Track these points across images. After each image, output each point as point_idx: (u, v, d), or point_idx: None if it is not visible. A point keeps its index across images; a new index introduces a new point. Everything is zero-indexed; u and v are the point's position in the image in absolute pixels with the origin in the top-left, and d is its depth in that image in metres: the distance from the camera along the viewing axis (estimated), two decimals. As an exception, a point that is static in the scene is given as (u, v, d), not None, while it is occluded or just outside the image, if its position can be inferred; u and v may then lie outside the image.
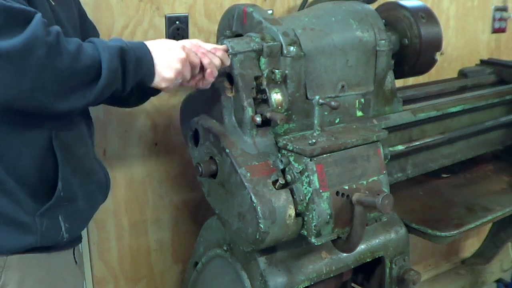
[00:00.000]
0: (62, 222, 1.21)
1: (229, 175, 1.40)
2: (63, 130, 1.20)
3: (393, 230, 1.71)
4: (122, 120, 1.81)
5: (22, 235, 1.16)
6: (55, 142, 1.18)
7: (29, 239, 1.17)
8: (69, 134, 1.22)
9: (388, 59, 1.66)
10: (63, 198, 1.20)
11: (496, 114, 2.17)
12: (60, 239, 1.22)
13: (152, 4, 1.77)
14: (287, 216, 1.35)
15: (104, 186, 1.39)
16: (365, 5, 1.67)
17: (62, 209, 1.21)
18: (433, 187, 2.06)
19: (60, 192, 1.19)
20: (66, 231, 1.22)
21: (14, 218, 1.15)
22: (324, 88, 1.53)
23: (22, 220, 1.16)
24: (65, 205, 1.21)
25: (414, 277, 1.73)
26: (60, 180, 1.19)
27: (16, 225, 1.15)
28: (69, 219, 1.23)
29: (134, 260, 1.95)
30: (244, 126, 1.41)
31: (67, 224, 1.22)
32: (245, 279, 1.53)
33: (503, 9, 2.84)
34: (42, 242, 1.18)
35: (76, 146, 1.25)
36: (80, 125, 1.29)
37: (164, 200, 1.95)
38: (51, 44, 1.01)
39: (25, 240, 1.17)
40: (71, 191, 1.22)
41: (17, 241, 1.16)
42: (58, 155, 1.18)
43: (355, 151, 1.42)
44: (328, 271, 1.57)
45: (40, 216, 1.17)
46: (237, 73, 1.40)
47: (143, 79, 1.21)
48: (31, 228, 1.17)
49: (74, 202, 1.24)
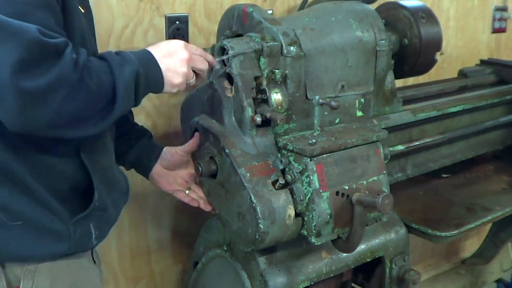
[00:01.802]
0: (92, 229, 1.24)
1: (229, 175, 1.40)
2: (89, 143, 1.22)
3: (393, 230, 1.71)
4: (122, 120, 1.81)
5: (55, 242, 1.18)
6: (82, 154, 1.20)
7: (63, 246, 1.19)
8: (94, 146, 1.24)
9: (388, 59, 1.66)
10: (97, 208, 1.23)
11: (496, 114, 2.17)
12: (90, 246, 1.26)
13: (152, 4, 1.77)
14: (287, 216, 1.35)
15: (126, 192, 1.42)
16: (365, 5, 1.67)
17: (93, 218, 1.23)
18: (433, 187, 2.06)
19: (96, 202, 1.22)
20: (95, 238, 1.25)
21: (48, 227, 1.16)
22: (324, 88, 1.53)
23: (56, 229, 1.17)
24: (98, 214, 1.24)
25: (414, 277, 1.73)
26: (96, 190, 1.21)
27: (51, 233, 1.17)
28: (99, 226, 1.26)
29: (134, 260, 1.95)
30: (244, 126, 1.41)
31: (97, 232, 1.25)
32: (245, 279, 1.53)
33: (503, 9, 2.84)
34: (74, 250, 1.21)
35: (101, 157, 1.28)
36: (104, 136, 1.31)
37: (164, 200, 1.95)
38: (74, 83, 1.02)
39: (59, 247, 1.18)
40: (103, 200, 1.25)
41: (51, 249, 1.18)
42: (88, 167, 1.20)
43: (355, 151, 1.42)
44: (328, 271, 1.57)
45: (73, 225, 1.19)
46: (237, 73, 1.40)
47: (154, 90, 1.23)
48: (64, 236, 1.18)
49: (106, 211, 1.27)
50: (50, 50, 0.99)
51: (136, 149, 1.55)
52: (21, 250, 1.15)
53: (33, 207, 1.14)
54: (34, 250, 1.16)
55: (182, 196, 1.60)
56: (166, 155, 1.57)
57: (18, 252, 1.15)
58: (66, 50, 1.02)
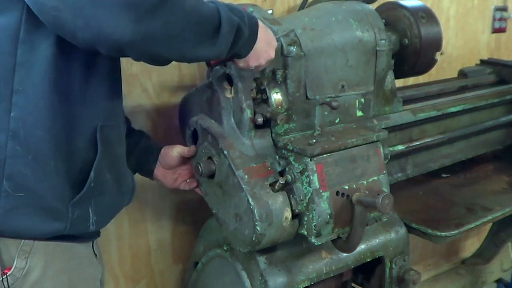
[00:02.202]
0: (91, 213, 1.24)
1: (226, 176, 1.40)
2: (107, 125, 1.24)
3: (393, 230, 1.71)
4: (122, 120, 1.81)
5: (53, 220, 1.18)
6: (98, 134, 1.22)
7: (59, 225, 1.19)
8: (111, 131, 1.26)
9: (388, 59, 1.66)
10: (93, 189, 1.23)
11: (496, 114, 2.17)
12: (86, 230, 1.25)
13: (152, 4, 1.77)
14: (284, 218, 1.35)
15: (131, 190, 1.42)
16: (365, 5, 1.67)
17: (92, 201, 1.24)
18: (433, 187, 2.06)
19: (91, 182, 1.22)
20: (93, 223, 1.25)
21: (48, 203, 1.17)
22: (324, 88, 1.53)
23: (55, 206, 1.17)
24: (95, 196, 1.24)
25: (414, 277, 1.73)
26: (93, 170, 1.21)
27: (49, 210, 1.17)
28: (98, 212, 1.26)
29: (134, 260, 1.95)
30: (243, 127, 1.41)
31: (95, 217, 1.25)
32: (245, 279, 1.53)
33: (503, 9, 2.84)
34: (70, 231, 1.21)
35: (116, 144, 1.29)
36: (121, 127, 1.33)
37: (164, 200, 1.95)
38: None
39: (55, 226, 1.19)
40: (103, 185, 1.25)
41: (47, 226, 1.18)
42: (99, 148, 1.22)
43: (355, 151, 1.42)
44: (328, 271, 1.57)
45: (72, 205, 1.20)
46: (237, 75, 1.40)
47: (238, 52, 1.25)
48: (62, 215, 1.19)
49: (103, 196, 1.27)
50: None
51: (135, 154, 1.57)
52: (18, 224, 1.15)
53: (40, 181, 1.14)
54: (31, 226, 1.16)
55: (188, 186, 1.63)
56: (164, 156, 1.58)
57: (14, 226, 1.15)
58: None
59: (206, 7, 1.12)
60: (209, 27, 1.12)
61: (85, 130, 1.20)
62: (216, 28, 1.13)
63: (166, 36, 1.05)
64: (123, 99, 1.39)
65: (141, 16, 0.99)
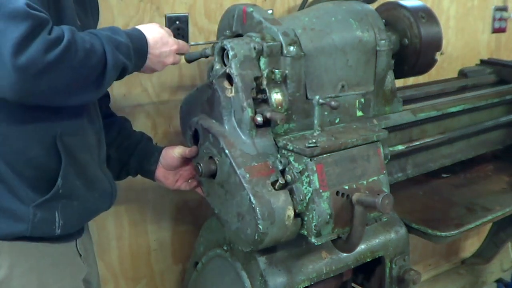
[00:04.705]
0: (58, 217, 1.26)
1: (228, 175, 1.40)
2: (67, 133, 1.25)
3: (393, 230, 1.71)
4: (122, 120, 1.81)
5: (14, 222, 1.21)
6: (58, 143, 1.23)
7: (20, 227, 1.22)
8: (73, 139, 1.27)
9: (388, 59, 1.66)
10: (61, 195, 1.25)
11: (496, 114, 2.17)
12: (52, 233, 1.27)
13: (152, 4, 1.77)
14: (286, 217, 1.35)
15: (109, 195, 1.43)
16: (365, 5, 1.67)
17: (59, 205, 1.25)
18: (433, 187, 2.07)
19: (58, 188, 1.24)
20: (59, 227, 1.27)
21: (7, 206, 1.21)
22: (324, 88, 1.53)
23: (15, 209, 1.21)
24: (63, 202, 1.26)
25: (414, 277, 1.73)
26: (60, 177, 1.24)
27: (9, 212, 1.21)
28: (66, 216, 1.27)
29: (134, 260, 1.95)
30: (244, 126, 1.41)
31: (62, 221, 1.27)
32: (245, 279, 1.53)
33: (503, 9, 2.84)
34: (33, 232, 1.23)
35: (79, 152, 1.30)
36: (86, 133, 1.34)
37: (164, 200, 1.95)
38: (50, 61, 1.07)
39: (16, 227, 1.22)
40: (71, 191, 1.27)
41: (8, 228, 1.21)
42: (62, 156, 1.24)
43: (355, 151, 1.42)
44: (328, 271, 1.57)
45: (35, 208, 1.22)
46: (237, 74, 1.40)
47: (127, 74, 1.29)
48: (23, 217, 1.22)
49: (72, 201, 1.28)
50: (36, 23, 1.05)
51: (136, 156, 1.59)
52: None
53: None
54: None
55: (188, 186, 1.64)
56: (165, 157, 1.59)
57: None
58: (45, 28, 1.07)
59: (94, 56, 1.15)
60: (95, 75, 1.17)
61: (44, 139, 1.22)
62: (101, 73, 1.18)
63: (52, 93, 1.11)
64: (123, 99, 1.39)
65: (27, 78, 1.05)
